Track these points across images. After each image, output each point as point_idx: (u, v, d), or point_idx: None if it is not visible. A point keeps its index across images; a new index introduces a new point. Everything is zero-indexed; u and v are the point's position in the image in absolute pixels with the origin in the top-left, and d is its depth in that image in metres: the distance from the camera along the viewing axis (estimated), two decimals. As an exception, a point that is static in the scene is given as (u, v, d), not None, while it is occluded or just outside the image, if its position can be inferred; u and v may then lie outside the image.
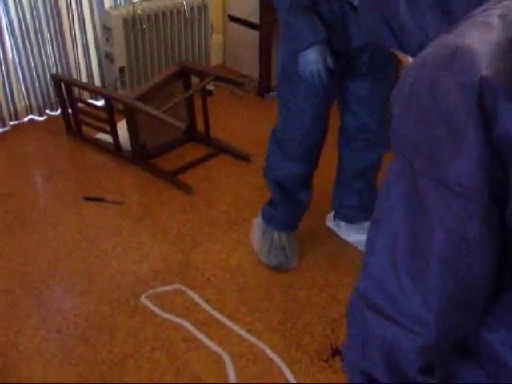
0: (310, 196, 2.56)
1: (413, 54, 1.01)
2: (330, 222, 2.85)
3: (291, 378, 2.10)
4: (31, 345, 2.21)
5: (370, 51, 2.15)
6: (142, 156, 3.30)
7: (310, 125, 2.29)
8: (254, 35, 4.13)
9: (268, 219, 2.64)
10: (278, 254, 2.58)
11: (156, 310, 2.38)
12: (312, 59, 2.06)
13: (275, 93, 4.09)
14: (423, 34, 0.93)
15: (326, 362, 2.17)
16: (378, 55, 2.17)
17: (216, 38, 4.41)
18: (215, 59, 4.42)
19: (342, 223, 2.77)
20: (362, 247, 2.69)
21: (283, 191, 2.51)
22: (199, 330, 2.28)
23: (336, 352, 2.20)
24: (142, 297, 2.43)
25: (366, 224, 2.68)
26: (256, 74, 4.20)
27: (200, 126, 3.56)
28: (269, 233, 2.62)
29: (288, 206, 2.55)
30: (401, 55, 1.16)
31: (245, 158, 3.39)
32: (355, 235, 2.72)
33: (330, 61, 2.09)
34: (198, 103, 3.47)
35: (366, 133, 2.41)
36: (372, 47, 2.13)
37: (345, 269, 2.60)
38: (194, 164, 3.35)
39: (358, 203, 2.64)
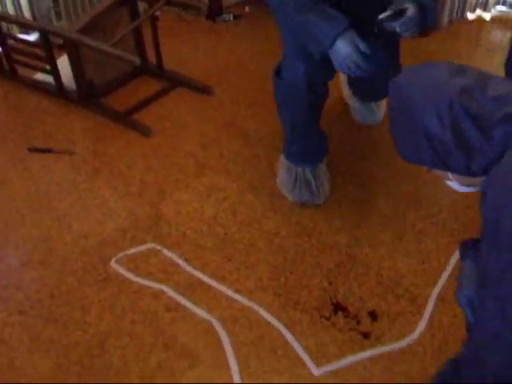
0: (325, 95, 2.26)
1: (460, 173, 1.12)
2: (346, 89, 2.85)
3: (293, 341, 1.88)
4: (-9, 331, 1.92)
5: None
6: (89, 95, 2.92)
7: None
8: (199, -50, 3.70)
9: (287, 153, 2.40)
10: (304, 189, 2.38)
11: (130, 275, 2.10)
12: (344, 53, 1.87)
13: (227, 15, 3.81)
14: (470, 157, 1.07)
15: (329, 319, 1.96)
16: None
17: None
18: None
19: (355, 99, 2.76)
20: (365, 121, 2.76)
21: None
22: (182, 295, 2.03)
23: (337, 307, 1.99)
24: (112, 261, 2.15)
25: (375, 104, 2.73)
26: (203, -6, 3.80)
27: (150, 56, 3.17)
28: (292, 168, 2.39)
29: (302, 132, 2.30)
30: (438, 172, 1.19)
31: (204, 90, 3.05)
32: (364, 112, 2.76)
33: (363, 46, 1.87)
34: (146, 32, 3.09)
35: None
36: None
37: (333, 211, 2.36)
38: (148, 101, 3.00)
39: (371, 85, 2.58)
